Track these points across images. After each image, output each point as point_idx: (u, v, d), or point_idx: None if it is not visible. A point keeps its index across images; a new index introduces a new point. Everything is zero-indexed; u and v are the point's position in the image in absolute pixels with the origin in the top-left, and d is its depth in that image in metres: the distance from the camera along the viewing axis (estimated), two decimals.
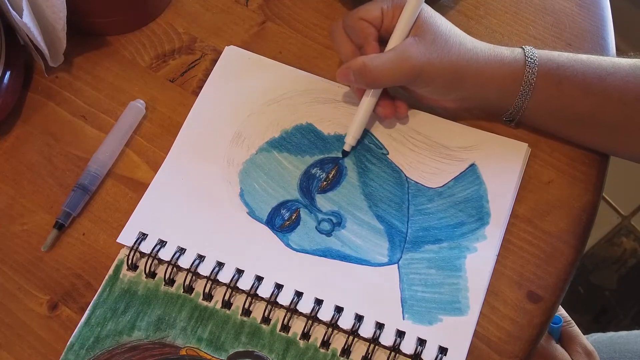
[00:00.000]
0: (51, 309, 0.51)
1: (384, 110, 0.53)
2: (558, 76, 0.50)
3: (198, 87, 0.59)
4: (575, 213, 0.52)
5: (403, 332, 0.48)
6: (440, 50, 0.49)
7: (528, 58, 0.50)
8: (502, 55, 0.51)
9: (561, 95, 0.50)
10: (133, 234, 0.52)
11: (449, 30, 0.51)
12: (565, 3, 0.62)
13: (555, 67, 0.50)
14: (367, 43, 0.51)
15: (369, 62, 0.49)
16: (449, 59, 0.49)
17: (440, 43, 0.50)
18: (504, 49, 0.51)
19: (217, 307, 0.50)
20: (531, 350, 0.48)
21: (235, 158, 0.55)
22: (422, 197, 0.53)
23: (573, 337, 0.68)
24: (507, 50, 0.51)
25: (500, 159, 0.54)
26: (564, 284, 0.50)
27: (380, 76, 0.50)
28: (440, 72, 0.50)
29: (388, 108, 0.53)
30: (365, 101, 0.53)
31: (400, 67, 0.49)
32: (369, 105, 0.53)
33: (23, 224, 0.54)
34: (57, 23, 0.56)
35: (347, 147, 0.54)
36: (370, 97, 0.53)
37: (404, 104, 0.54)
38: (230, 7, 0.63)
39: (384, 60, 0.49)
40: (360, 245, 0.51)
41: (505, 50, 0.51)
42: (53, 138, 0.57)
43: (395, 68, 0.49)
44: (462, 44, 0.50)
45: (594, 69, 0.50)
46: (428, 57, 0.49)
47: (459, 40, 0.50)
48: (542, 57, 0.50)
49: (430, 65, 0.49)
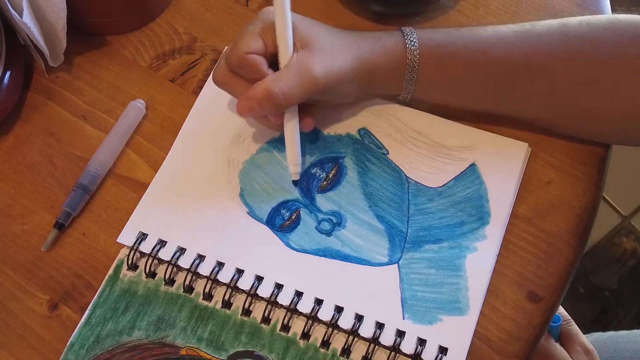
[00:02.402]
0: (51, 309, 0.51)
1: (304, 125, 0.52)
2: (439, 55, 0.50)
3: (198, 87, 0.59)
4: (576, 213, 0.52)
5: (403, 332, 0.48)
6: (331, 55, 0.49)
7: (408, 41, 0.50)
8: (382, 42, 0.50)
9: (446, 74, 0.51)
10: (133, 234, 0.52)
11: (329, 34, 0.50)
12: (565, 3, 0.62)
13: (436, 46, 0.50)
14: (261, 75, 0.48)
15: (271, 86, 0.47)
16: (342, 60, 0.49)
17: (328, 48, 0.49)
18: (385, 34, 0.51)
19: (217, 307, 0.50)
20: (531, 350, 0.48)
21: (235, 158, 0.55)
22: (422, 197, 0.53)
23: (572, 336, 0.68)
24: (388, 36, 0.51)
25: (501, 158, 0.54)
26: (564, 284, 0.50)
27: (288, 96, 0.48)
28: (340, 77, 0.49)
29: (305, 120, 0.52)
30: (289, 126, 0.51)
31: (304, 81, 0.48)
32: (294, 128, 0.51)
33: (23, 224, 0.54)
34: (57, 23, 0.56)
35: (294, 175, 0.53)
36: (291, 121, 0.51)
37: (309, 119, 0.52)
38: (230, 7, 0.63)
39: (286, 80, 0.47)
40: (361, 245, 0.51)
41: (387, 36, 0.51)
42: (53, 138, 0.57)
43: (300, 84, 0.48)
44: (346, 43, 0.50)
45: (476, 42, 0.50)
46: (324, 66, 0.48)
47: (343, 41, 0.50)
48: (421, 37, 0.50)
49: (330, 73, 0.48)
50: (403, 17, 0.61)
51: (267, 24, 0.49)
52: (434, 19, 0.61)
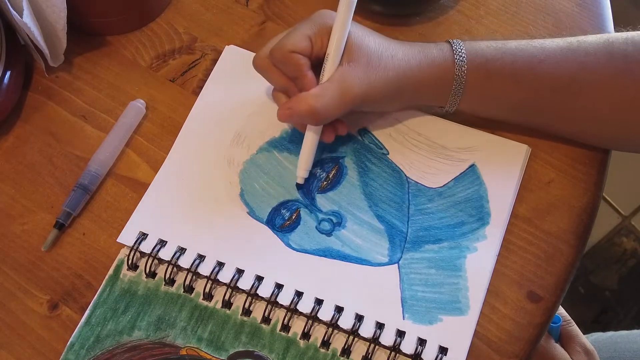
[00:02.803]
0: (51, 309, 0.51)
1: (326, 136, 0.53)
2: (487, 70, 0.50)
3: (198, 87, 0.59)
4: (576, 213, 0.52)
5: (403, 332, 0.48)
6: (377, 70, 0.49)
7: (456, 55, 0.50)
8: (432, 57, 0.51)
9: (492, 88, 0.51)
10: (133, 234, 0.52)
11: (379, 46, 0.50)
12: (565, 3, 0.62)
13: (484, 62, 0.50)
14: (302, 75, 0.49)
15: (315, 103, 0.48)
16: (385, 76, 0.49)
17: (375, 62, 0.49)
18: (433, 48, 0.51)
19: (218, 307, 0.50)
20: (531, 350, 0.48)
21: (235, 158, 0.55)
22: (423, 197, 0.53)
23: (573, 337, 0.68)
24: (436, 50, 0.51)
25: (501, 160, 0.54)
26: (564, 284, 0.50)
27: (328, 114, 0.49)
28: (382, 91, 0.49)
29: (329, 133, 0.53)
30: (311, 133, 0.52)
31: (344, 100, 0.48)
32: (315, 136, 0.52)
33: (23, 224, 0.54)
34: (58, 23, 0.56)
35: (300, 179, 0.53)
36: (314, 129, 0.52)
37: (343, 125, 0.53)
38: (230, 7, 0.63)
39: (328, 97, 0.48)
40: (361, 245, 0.51)
41: (435, 50, 0.51)
42: (53, 138, 0.57)
43: (341, 102, 0.48)
44: (394, 57, 0.50)
45: (524, 58, 0.50)
46: (367, 82, 0.49)
47: (391, 54, 0.50)
48: (470, 51, 0.50)
49: (372, 89, 0.49)
50: (403, 17, 0.61)
51: (320, 27, 0.49)
52: (434, 19, 0.61)
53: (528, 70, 0.50)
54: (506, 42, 0.51)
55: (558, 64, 0.50)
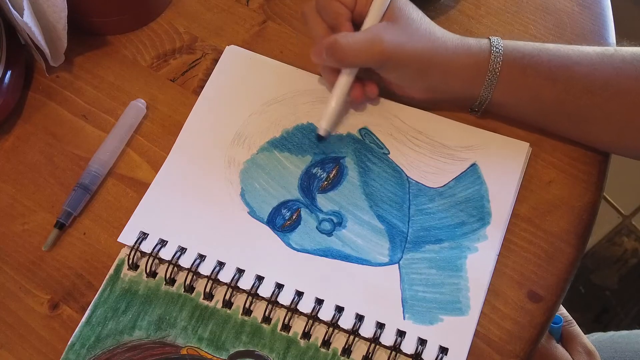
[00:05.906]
0: (52, 309, 0.51)
1: (353, 92, 0.53)
2: (523, 65, 0.50)
3: (199, 87, 0.59)
4: (576, 213, 0.52)
5: (404, 332, 0.48)
6: (411, 37, 0.50)
7: (493, 48, 0.51)
8: (469, 45, 0.51)
9: (526, 84, 0.51)
10: (134, 234, 0.52)
11: (420, 19, 0.51)
12: (566, 2, 0.62)
13: (520, 57, 0.50)
14: (340, 24, 0.51)
15: (340, 39, 0.49)
16: (419, 45, 0.50)
17: (412, 30, 0.50)
18: (472, 39, 0.52)
19: (218, 307, 0.50)
20: (532, 350, 0.48)
21: (236, 157, 0.55)
22: (423, 197, 0.53)
23: (574, 337, 0.68)
24: (474, 41, 0.52)
25: (501, 158, 0.54)
26: (564, 283, 0.50)
27: (351, 54, 0.50)
28: (410, 58, 0.50)
29: (357, 90, 0.53)
30: (340, 83, 0.52)
31: (372, 48, 0.49)
32: (344, 88, 0.52)
33: (24, 224, 0.54)
34: (58, 22, 0.56)
35: (322, 131, 0.53)
36: (344, 78, 0.52)
37: (373, 85, 0.54)
38: (231, 7, 0.63)
39: (356, 39, 0.50)
40: (361, 245, 0.51)
41: (473, 41, 0.52)
42: (54, 137, 0.57)
43: (367, 48, 0.49)
44: (432, 33, 0.51)
45: (560, 57, 0.50)
46: (399, 42, 0.49)
47: (429, 29, 0.51)
48: (507, 46, 0.51)
49: (401, 51, 0.50)
50: None
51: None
52: (435, 19, 0.61)
53: (564, 70, 0.50)
54: (544, 44, 0.52)
55: (594, 66, 0.50)
